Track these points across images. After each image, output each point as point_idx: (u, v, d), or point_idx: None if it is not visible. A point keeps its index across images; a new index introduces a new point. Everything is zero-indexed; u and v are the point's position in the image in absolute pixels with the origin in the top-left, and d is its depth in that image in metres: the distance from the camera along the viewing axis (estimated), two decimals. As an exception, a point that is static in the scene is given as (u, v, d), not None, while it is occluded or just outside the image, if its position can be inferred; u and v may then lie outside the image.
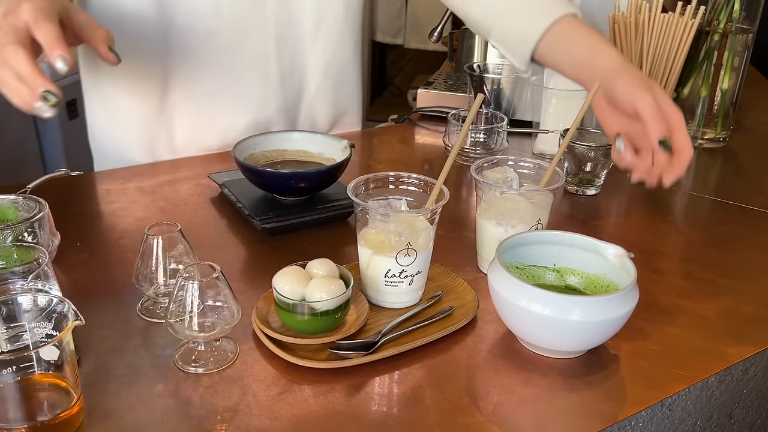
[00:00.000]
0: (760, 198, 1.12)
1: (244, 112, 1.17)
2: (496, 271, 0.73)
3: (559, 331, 0.69)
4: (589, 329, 0.69)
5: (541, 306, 0.68)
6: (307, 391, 0.68)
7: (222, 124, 1.17)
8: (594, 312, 0.68)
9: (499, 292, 0.72)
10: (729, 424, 0.80)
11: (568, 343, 0.72)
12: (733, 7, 1.27)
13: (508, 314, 0.73)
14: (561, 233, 0.80)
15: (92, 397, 0.65)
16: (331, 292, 0.70)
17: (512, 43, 1.06)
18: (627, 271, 0.74)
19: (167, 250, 0.75)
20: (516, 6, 1.05)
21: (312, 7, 1.16)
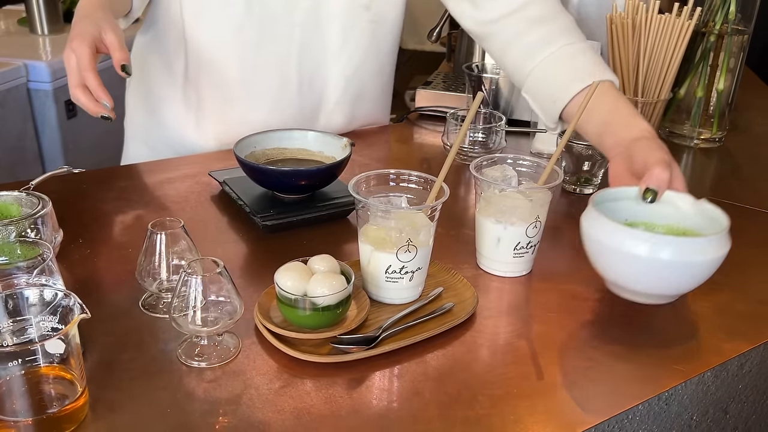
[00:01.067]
0: (755, 197, 1.13)
1: (258, 110, 1.19)
2: (594, 220, 0.80)
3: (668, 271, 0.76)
4: (686, 269, 0.77)
5: (648, 246, 0.76)
6: (309, 385, 0.68)
7: (236, 116, 1.19)
8: (689, 252, 0.76)
9: (600, 240, 0.79)
10: (724, 418, 0.82)
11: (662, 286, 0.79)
12: (728, 9, 1.28)
13: (608, 260, 0.80)
14: (633, 188, 0.85)
15: (96, 390, 0.66)
16: (333, 288, 0.71)
17: (543, 101, 1.07)
18: (707, 217, 0.83)
19: (170, 246, 0.76)
20: (553, 66, 1.05)
21: (339, 22, 1.17)
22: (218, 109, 1.19)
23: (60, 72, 2.05)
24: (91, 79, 0.92)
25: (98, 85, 0.92)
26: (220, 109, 1.19)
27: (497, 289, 0.86)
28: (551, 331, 0.78)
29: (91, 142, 2.22)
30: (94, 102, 0.92)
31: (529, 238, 0.85)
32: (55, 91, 2.05)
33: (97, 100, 0.91)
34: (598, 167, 1.10)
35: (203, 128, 1.20)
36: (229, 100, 1.18)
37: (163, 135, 1.23)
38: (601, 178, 1.12)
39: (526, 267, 0.89)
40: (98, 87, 0.92)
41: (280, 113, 1.20)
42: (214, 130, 1.20)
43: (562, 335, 0.77)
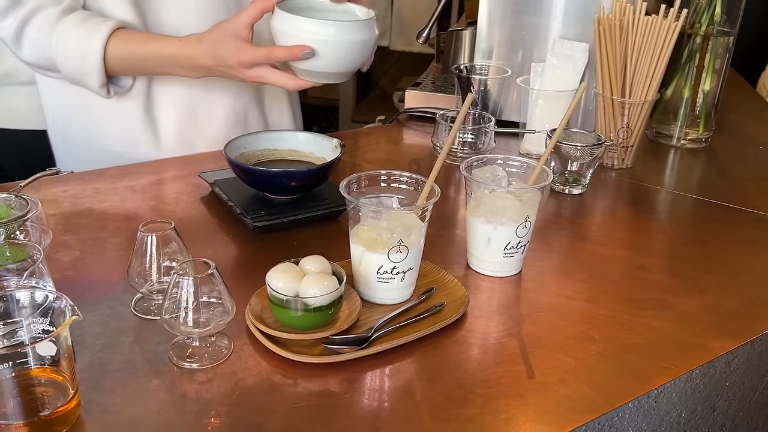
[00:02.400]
0: (742, 197, 1.14)
1: (221, 102, 1.20)
2: (280, 17, 0.97)
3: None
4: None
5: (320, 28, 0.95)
6: (301, 386, 0.69)
7: (203, 115, 1.19)
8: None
9: (284, 30, 0.97)
10: (712, 415, 0.82)
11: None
12: (714, 11, 1.29)
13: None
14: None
15: (88, 392, 0.66)
16: (325, 288, 0.71)
17: None
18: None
19: (161, 248, 0.76)
20: None
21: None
22: (185, 117, 1.18)
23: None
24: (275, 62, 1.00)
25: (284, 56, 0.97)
26: (186, 115, 1.18)
27: (488, 288, 0.87)
28: (541, 330, 0.79)
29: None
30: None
31: (519, 238, 0.86)
32: (41, 92, 2.03)
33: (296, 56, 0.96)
34: (587, 167, 1.11)
35: (171, 140, 1.19)
36: (192, 101, 1.18)
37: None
38: (589, 179, 1.13)
39: (516, 267, 0.89)
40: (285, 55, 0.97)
41: (242, 96, 1.22)
42: (181, 138, 1.19)
43: (552, 334, 0.78)
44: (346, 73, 1.02)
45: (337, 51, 0.98)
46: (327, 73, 1.00)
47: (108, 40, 1.03)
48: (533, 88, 1.26)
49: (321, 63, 0.98)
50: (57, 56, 1.04)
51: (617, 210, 1.13)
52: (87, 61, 1.03)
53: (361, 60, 1.02)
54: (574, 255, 0.97)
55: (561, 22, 1.31)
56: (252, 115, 1.26)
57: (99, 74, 1.05)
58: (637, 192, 1.17)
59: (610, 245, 0.99)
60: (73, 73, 1.06)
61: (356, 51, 0.99)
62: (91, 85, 1.07)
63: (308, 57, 0.96)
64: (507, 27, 1.36)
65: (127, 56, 1.05)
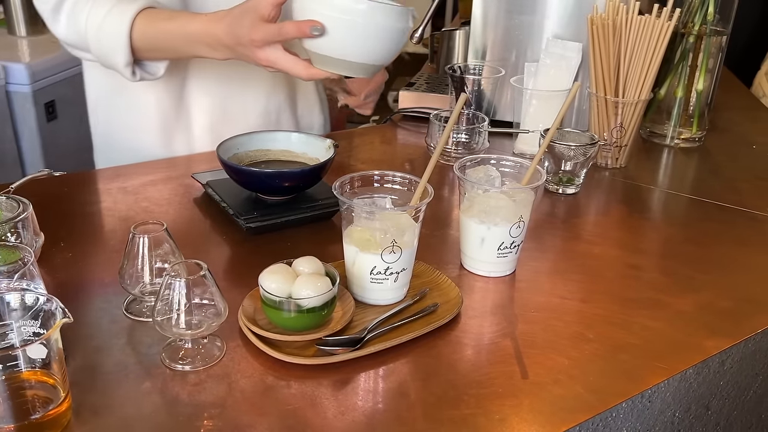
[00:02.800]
0: (735, 196, 1.14)
1: (255, 101, 1.20)
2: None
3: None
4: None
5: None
6: (294, 388, 0.68)
7: (236, 110, 1.20)
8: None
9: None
10: (706, 415, 0.82)
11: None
12: (707, 10, 1.30)
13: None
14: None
15: (80, 394, 0.65)
16: (318, 289, 0.71)
17: None
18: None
19: (153, 249, 0.75)
20: None
21: None
22: (217, 110, 1.19)
23: (39, 74, 2.03)
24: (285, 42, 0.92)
25: (294, 32, 0.88)
26: (219, 108, 1.19)
27: (482, 289, 0.87)
28: (535, 330, 0.79)
29: (72, 144, 2.20)
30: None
31: (513, 238, 0.86)
32: (34, 93, 2.02)
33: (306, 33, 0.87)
34: (580, 167, 1.11)
35: (203, 131, 1.19)
36: (228, 96, 1.18)
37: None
38: (583, 178, 1.13)
39: (510, 267, 0.89)
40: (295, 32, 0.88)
41: (277, 95, 1.22)
42: (213, 130, 1.19)
43: (546, 334, 0.78)
44: (364, 65, 0.89)
45: (353, 33, 0.86)
46: (342, 60, 0.88)
47: (136, 16, 1.00)
48: (527, 88, 1.26)
49: (334, 47, 0.87)
50: (87, 32, 1.02)
51: (611, 209, 1.13)
52: (114, 36, 1.00)
53: (383, 52, 0.88)
54: (568, 255, 0.97)
55: (554, 22, 1.31)
56: (285, 115, 1.27)
57: (125, 50, 1.01)
58: (630, 191, 1.17)
59: (604, 245, 0.99)
60: (101, 50, 1.03)
61: (376, 38, 0.87)
62: (117, 62, 1.03)
63: (318, 34, 0.85)
64: (501, 27, 1.36)
65: (154, 34, 1.01)
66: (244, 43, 0.92)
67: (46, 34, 2.29)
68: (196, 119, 1.19)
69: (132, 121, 1.19)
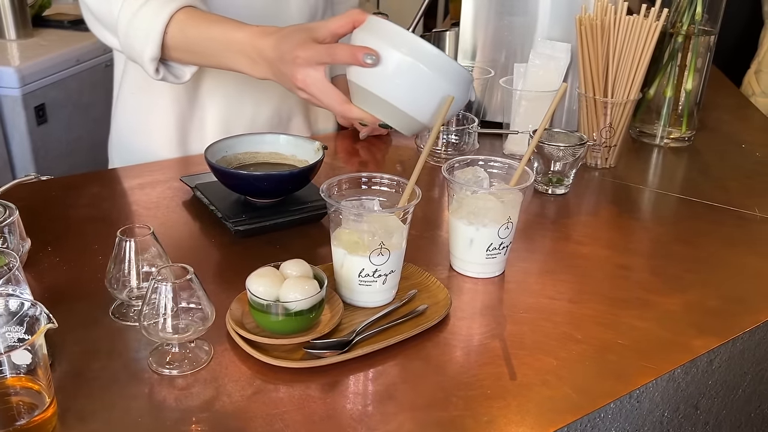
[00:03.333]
0: (724, 195, 1.14)
1: (269, 101, 1.21)
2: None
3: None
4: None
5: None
6: (282, 391, 0.68)
7: (249, 112, 1.20)
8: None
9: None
10: (695, 414, 0.83)
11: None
12: (695, 10, 1.30)
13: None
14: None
15: (66, 400, 0.65)
16: (305, 292, 0.71)
17: None
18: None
19: (140, 253, 0.75)
20: None
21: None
22: (231, 111, 1.19)
23: (29, 77, 2.03)
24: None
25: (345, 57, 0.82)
26: (233, 109, 1.19)
27: (471, 290, 0.87)
28: (523, 331, 0.79)
29: (63, 148, 2.19)
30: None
31: (501, 239, 0.86)
32: (24, 96, 2.02)
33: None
34: (570, 167, 1.11)
35: (216, 133, 1.19)
36: (241, 97, 1.18)
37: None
38: (572, 179, 1.13)
39: (499, 268, 0.89)
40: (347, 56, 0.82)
41: (289, 98, 1.22)
42: (226, 131, 1.19)
43: (535, 335, 0.78)
44: (408, 117, 0.81)
45: (410, 77, 0.78)
46: (386, 103, 0.80)
47: (177, 11, 0.95)
48: (516, 89, 1.26)
49: (385, 85, 0.80)
50: (121, 12, 0.97)
51: (600, 210, 1.13)
52: (148, 25, 0.95)
53: (432, 111, 0.81)
54: (557, 255, 0.97)
55: (544, 23, 1.32)
56: (296, 120, 1.27)
57: (155, 43, 0.96)
58: (620, 191, 1.18)
59: (593, 245, 0.99)
60: (129, 36, 0.98)
61: (433, 92, 0.79)
62: (144, 54, 0.97)
63: (371, 63, 0.79)
64: (490, 28, 1.36)
65: (194, 34, 0.96)
66: (287, 59, 0.86)
67: (36, 37, 2.29)
68: (210, 118, 1.18)
69: (150, 120, 1.19)
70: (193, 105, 1.17)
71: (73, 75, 2.21)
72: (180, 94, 1.16)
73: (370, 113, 0.84)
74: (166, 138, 1.18)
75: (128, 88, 1.20)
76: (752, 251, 0.98)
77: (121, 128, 1.24)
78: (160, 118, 1.18)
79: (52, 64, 2.12)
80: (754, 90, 2.28)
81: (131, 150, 1.22)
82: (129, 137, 1.23)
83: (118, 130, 1.25)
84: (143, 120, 1.20)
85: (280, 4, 1.15)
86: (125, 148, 1.24)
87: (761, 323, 0.82)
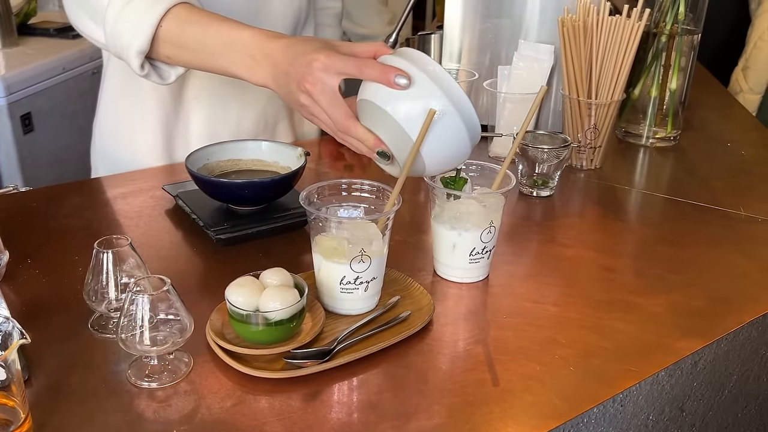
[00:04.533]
0: (709, 195, 1.14)
1: (255, 105, 1.20)
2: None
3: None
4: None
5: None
6: (263, 402, 0.67)
7: (234, 115, 1.19)
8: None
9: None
10: (681, 416, 0.82)
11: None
12: (678, 9, 1.30)
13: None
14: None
15: (43, 415, 0.64)
16: (285, 302, 0.70)
17: None
18: None
19: (118, 264, 0.74)
20: None
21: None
22: (217, 114, 1.18)
23: (15, 86, 2.02)
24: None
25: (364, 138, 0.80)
26: (218, 112, 1.18)
27: (454, 295, 0.86)
28: (507, 335, 0.78)
29: (50, 157, 2.18)
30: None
31: (484, 243, 0.85)
32: (9, 105, 2.00)
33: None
34: (554, 169, 1.11)
35: (201, 136, 1.18)
36: (227, 100, 1.18)
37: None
38: (557, 181, 1.12)
39: (483, 272, 0.89)
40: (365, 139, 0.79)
41: (275, 102, 1.21)
42: (211, 134, 1.18)
43: (518, 340, 0.77)
44: (419, 156, 0.77)
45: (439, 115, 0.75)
46: (400, 131, 0.76)
47: (176, 5, 0.91)
48: (500, 92, 1.26)
49: (404, 113, 0.76)
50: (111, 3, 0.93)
51: (586, 211, 1.13)
52: (141, 15, 0.91)
53: (441, 154, 0.78)
54: (542, 258, 0.96)
55: (529, 25, 1.31)
56: (282, 124, 1.26)
57: (146, 35, 0.91)
58: (606, 193, 1.17)
59: (579, 247, 0.98)
60: (118, 26, 0.93)
61: (452, 136, 0.77)
62: (131, 46, 0.92)
63: (403, 86, 0.75)
64: (475, 30, 1.35)
65: (192, 29, 0.91)
66: (301, 61, 0.80)
67: (21, 45, 2.27)
68: (195, 122, 1.18)
69: (134, 124, 1.18)
70: (178, 109, 1.17)
71: (60, 83, 2.20)
72: (165, 98, 1.15)
73: (377, 135, 0.79)
74: (151, 143, 1.17)
75: (110, 91, 1.19)
76: (737, 250, 0.98)
77: (104, 134, 1.23)
78: (145, 123, 1.17)
79: (38, 72, 2.11)
80: (742, 87, 2.29)
81: (115, 157, 1.21)
82: (112, 144, 1.22)
83: (101, 137, 1.24)
84: (127, 125, 1.19)
85: (263, 6, 1.14)
86: (109, 156, 1.23)
87: (746, 323, 0.82)
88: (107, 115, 1.22)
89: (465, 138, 0.78)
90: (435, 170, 0.81)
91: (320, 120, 0.83)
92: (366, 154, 0.81)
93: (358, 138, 0.80)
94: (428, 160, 0.78)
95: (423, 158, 0.78)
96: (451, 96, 0.76)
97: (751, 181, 1.22)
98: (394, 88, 0.76)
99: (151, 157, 1.18)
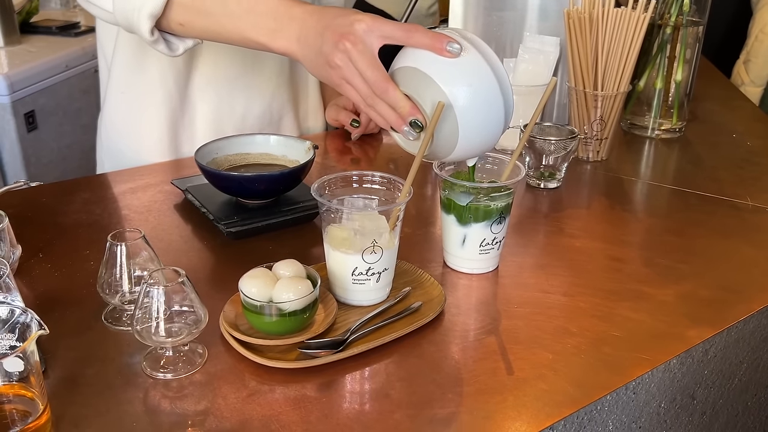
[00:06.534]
0: (716, 185, 1.15)
1: (260, 99, 1.20)
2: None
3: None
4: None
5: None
6: (278, 392, 0.68)
7: (239, 110, 1.19)
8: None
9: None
10: (692, 404, 0.83)
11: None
12: (683, 1, 1.30)
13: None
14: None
15: (60, 407, 0.64)
16: (298, 293, 0.71)
17: None
18: None
19: (131, 258, 0.75)
20: None
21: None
22: (223, 109, 1.18)
23: (18, 84, 2.02)
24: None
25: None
26: (224, 107, 1.18)
27: (465, 286, 0.87)
28: (518, 325, 0.79)
29: (54, 155, 2.19)
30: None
31: (494, 235, 0.86)
32: (13, 103, 2.01)
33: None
34: (561, 161, 1.11)
35: (206, 130, 1.19)
36: (232, 95, 1.18)
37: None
38: (564, 173, 1.13)
39: (493, 263, 0.89)
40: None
41: (279, 97, 1.22)
42: (216, 129, 1.18)
43: (529, 329, 0.78)
44: (454, 127, 0.75)
45: (479, 88, 0.73)
46: (439, 90, 0.74)
47: None
48: (506, 84, 1.26)
49: (448, 80, 0.73)
50: None
51: (593, 203, 1.13)
52: None
53: (485, 142, 0.78)
54: (551, 249, 0.97)
55: (533, 18, 1.31)
56: (287, 119, 1.27)
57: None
58: (612, 184, 1.18)
59: (587, 238, 0.99)
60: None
61: (494, 112, 0.76)
62: (144, 6, 0.87)
63: (453, 54, 0.72)
64: (479, 23, 1.36)
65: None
66: (341, 21, 0.76)
67: (24, 44, 2.28)
68: (201, 116, 1.18)
69: (139, 119, 1.18)
70: (184, 103, 1.17)
71: (63, 81, 2.20)
72: (171, 93, 1.15)
73: (415, 98, 0.76)
74: (157, 137, 1.17)
75: (116, 86, 1.19)
76: (745, 240, 0.99)
77: (109, 130, 1.23)
78: (150, 118, 1.17)
79: (40, 70, 2.11)
80: (744, 80, 2.29)
81: (121, 152, 1.21)
82: (118, 140, 1.22)
83: (107, 132, 1.24)
84: (133, 120, 1.19)
85: None
86: (115, 151, 1.23)
87: (755, 312, 0.82)
88: (113, 111, 1.22)
89: (501, 121, 0.76)
90: (463, 151, 0.78)
91: (351, 84, 0.77)
92: (393, 125, 0.77)
93: (393, 103, 0.76)
94: (462, 137, 0.75)
95: (459, 134, 0.75)
96: (498, 74, 0.74)
97: (757, 172, 1.23)
98: (444, 55, 0.73)
99: (156, 152, 1.18)
